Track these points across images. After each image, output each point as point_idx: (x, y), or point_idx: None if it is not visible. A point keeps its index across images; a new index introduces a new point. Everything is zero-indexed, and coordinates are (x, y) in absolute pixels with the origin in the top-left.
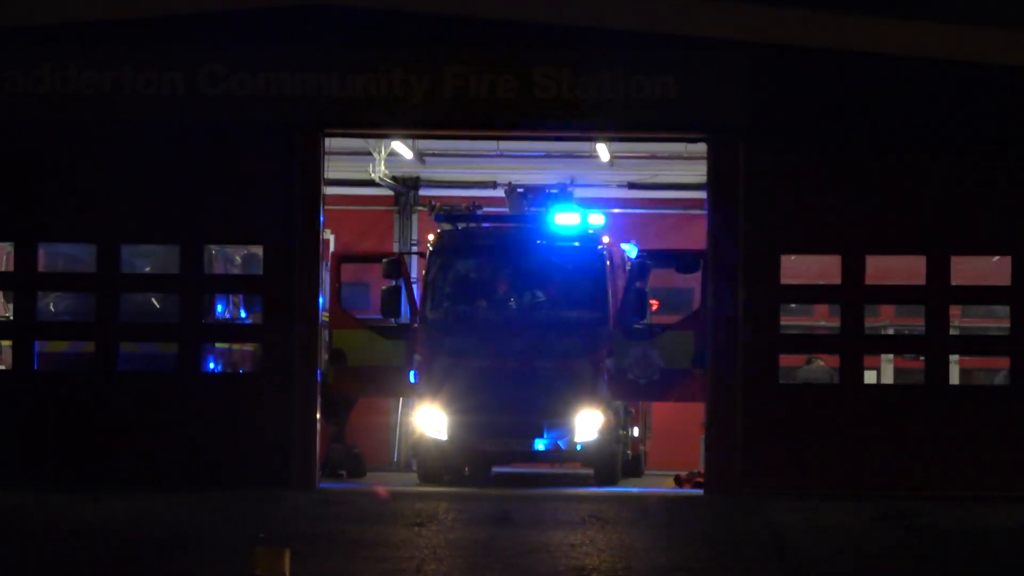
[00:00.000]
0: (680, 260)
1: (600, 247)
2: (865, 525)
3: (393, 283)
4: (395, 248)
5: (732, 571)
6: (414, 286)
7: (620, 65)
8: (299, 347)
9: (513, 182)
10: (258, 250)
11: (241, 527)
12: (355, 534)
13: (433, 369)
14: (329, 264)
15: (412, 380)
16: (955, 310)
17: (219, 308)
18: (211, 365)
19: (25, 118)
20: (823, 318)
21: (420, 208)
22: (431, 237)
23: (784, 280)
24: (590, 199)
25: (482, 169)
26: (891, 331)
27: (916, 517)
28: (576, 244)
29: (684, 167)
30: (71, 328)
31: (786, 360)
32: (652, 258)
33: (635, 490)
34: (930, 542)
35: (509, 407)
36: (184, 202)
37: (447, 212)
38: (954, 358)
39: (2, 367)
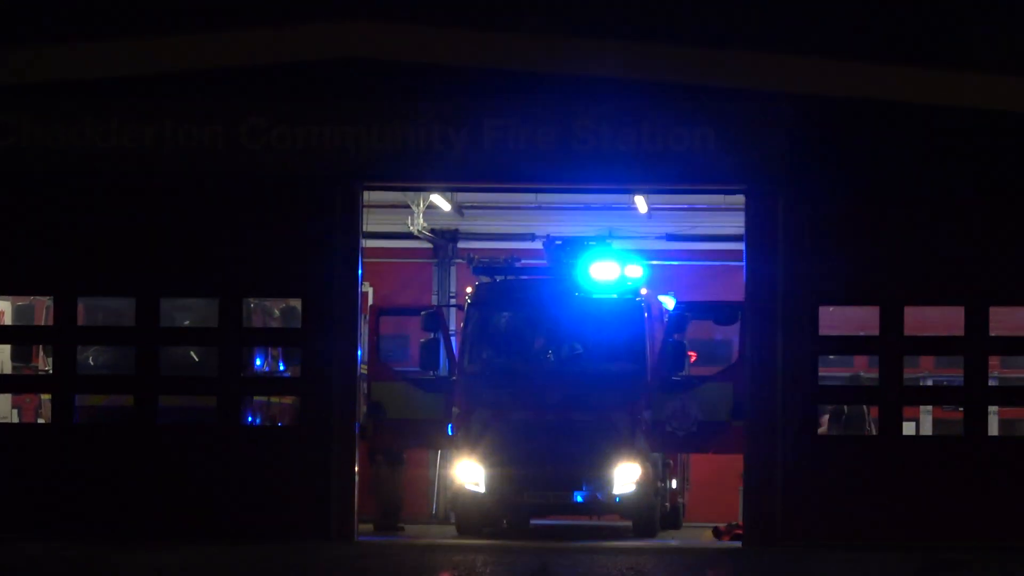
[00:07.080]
0: (718, 312)
1: (638, 299)
2: None
3: (431, 336)
4: (434, 300)
5: None
6: (452, 339)
7: (659, 117)
8: (337, 400)
9: (551, 234)
10: (297, 303)
11: None
12: None
13: (471, 422)
14: (368, 317)
15: (450, 433)
16: (994, 361)
17: (258, 361)
18: (250, 418)
19: (66, 171)
20: (862, 369)
21: (459, 260)
22: (469, 290)
23: (823, 331)
24: (629, 251)
25: (521, 221)
26: (930, 382)
27: (960, 569)
28: (614, 296)
29: (723, 218)
30: (110, 381)
31: None
32: (690, 310)
33: (674, 542)
34: None
35: (547, 459)
36: (223, 255)
37: (485, 265)
38: (993, 409)
39: (42, 420)
